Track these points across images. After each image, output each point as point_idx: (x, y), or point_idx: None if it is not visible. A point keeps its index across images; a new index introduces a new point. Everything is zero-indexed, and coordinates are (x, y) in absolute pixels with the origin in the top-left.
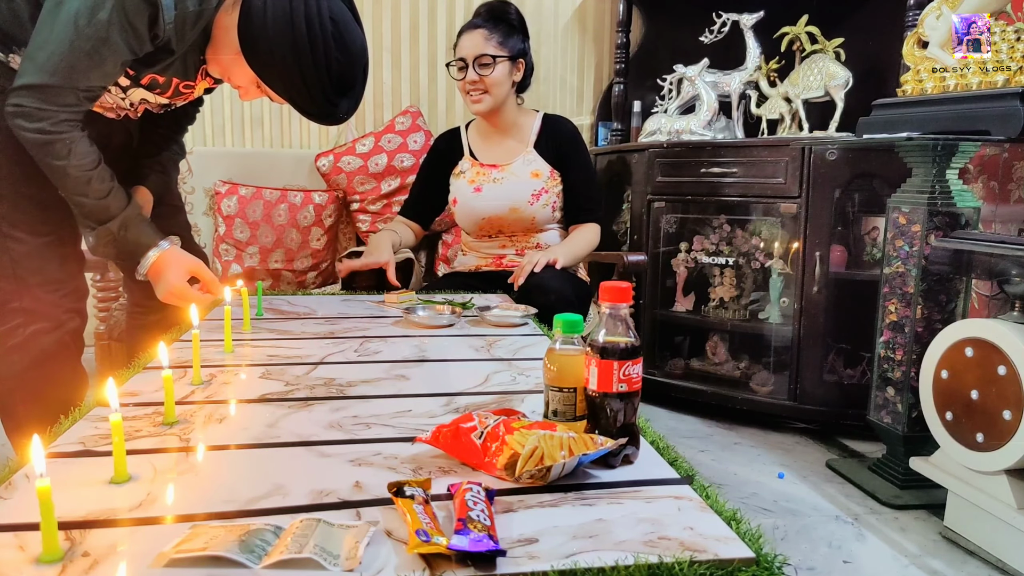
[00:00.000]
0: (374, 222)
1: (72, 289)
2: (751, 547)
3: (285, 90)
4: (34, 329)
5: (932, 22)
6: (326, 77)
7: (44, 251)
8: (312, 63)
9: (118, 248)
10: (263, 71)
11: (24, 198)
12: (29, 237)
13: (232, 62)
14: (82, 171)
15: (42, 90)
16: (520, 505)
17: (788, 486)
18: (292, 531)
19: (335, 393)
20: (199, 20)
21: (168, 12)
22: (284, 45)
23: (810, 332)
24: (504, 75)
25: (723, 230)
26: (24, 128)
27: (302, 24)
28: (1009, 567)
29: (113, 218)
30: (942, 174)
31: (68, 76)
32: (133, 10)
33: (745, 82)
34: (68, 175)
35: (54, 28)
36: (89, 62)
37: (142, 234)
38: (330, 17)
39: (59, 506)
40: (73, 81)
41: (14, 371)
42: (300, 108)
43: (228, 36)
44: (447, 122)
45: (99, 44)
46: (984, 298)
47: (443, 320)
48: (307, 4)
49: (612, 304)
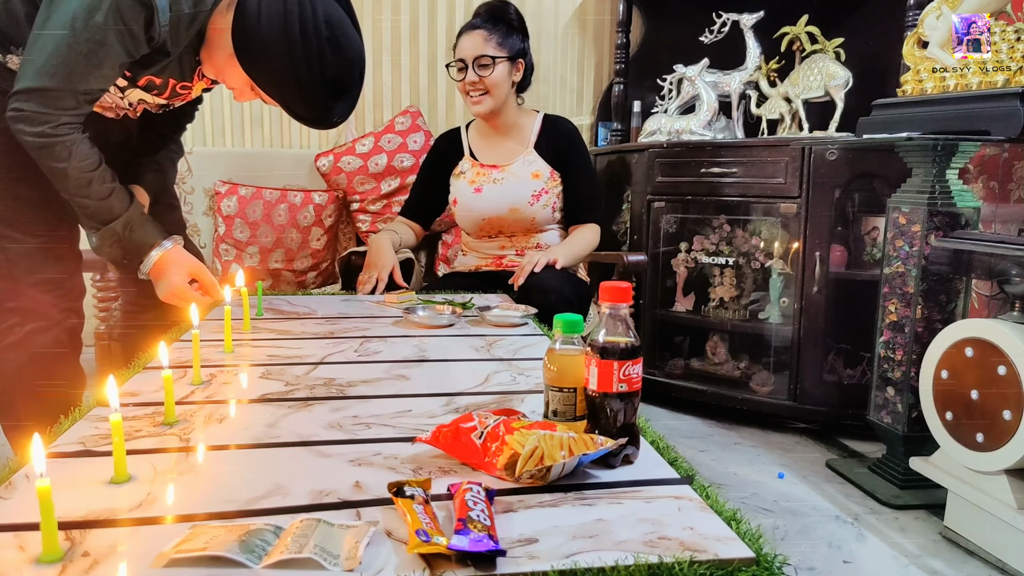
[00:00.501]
0: (374, 222)
1: (69, 288)
2: (751, 547)
3: (279, 93)
4: (30, 328)
5: (932, 22)
6: (320, 81)
7: (40, 250)
8: (307, 67)
9: (123, 248)
10: (257, 74)
11: (20, 198)
12: (25, 237)
13: (226, 64)
14: (83, 172)
15: (41, 94)
16: (520, 505)
17: (788, 486)
18: (292, 531)
19: (335, 393)
20: (193, 22)
21: (163, 15)
22: (278, 48)
23: (810, 332)
24: (504, 75)
25: (723, 230)
26: (25, 132)
27: (295, 27)
28: (1009, 567)
29: (116, 218)
30: (942, 174)
31: (66, 79)
32: (129, 12)
33: (745, 82)
34: (69, 177)
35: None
36: (87, 65)
37: (146, 234)
38: (325, 20)
39: (59, 506)
40: (72, 84)
41: (10, 370)
42: (293, 112)
43: (222, 38)
44: (447, 122)
45: (96, 47)
46: (984, 298)
47: (443, 320)
48: (301, 7)
49: (612, 304)
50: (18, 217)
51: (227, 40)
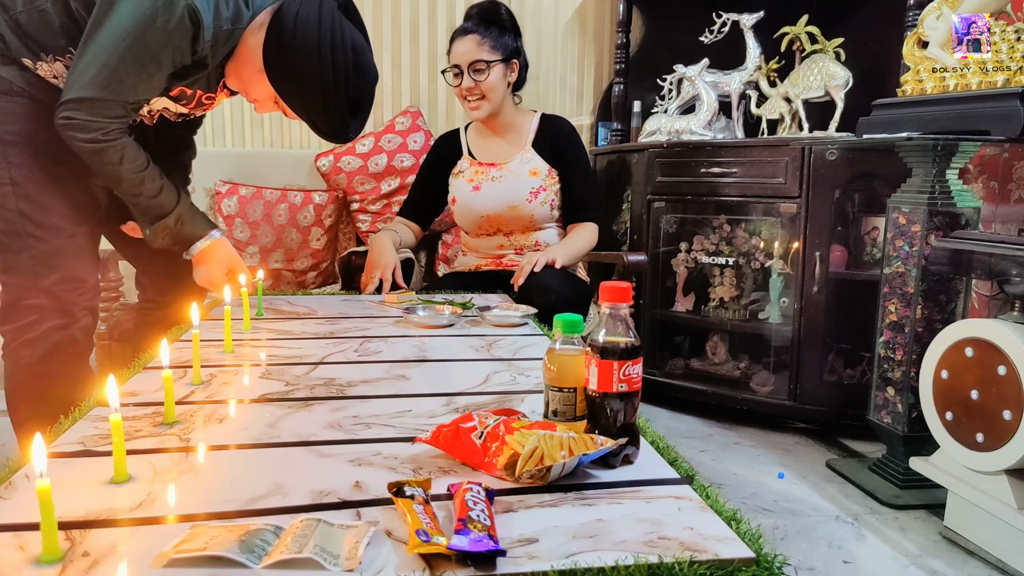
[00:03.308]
0: (374, 222)
1: (88, 287)
2: (751, 547)
3: (304, 109)
4: (49, 326)
5: (932, 22)
6: (344, 100)
7: (64, 250)
8: (334, 88)
9: (174, 239)
10: (285, 91)
11: (49, 199)
12: (51, 237)
13: (253, 79)
14: (134, 173)
15: (92, 103)
16: (520, 505)
17: (788, 486)
18: (292, 531)
19: (335, 393)
20: (230, 39)
21: (208, 31)
22: (310, 69)
23: (810, 332)
24: (499, 78)
25: (723, 230)
26: (77, 139)
27: (328, 51)
28: (1009, 567)
29: (168, 214)
30: (942, 174)
31: (117, 90)
32: (180, 30)
33: (745, 82)
34: (122, 178)
35: (104, 44)
36: (137, 78)
37: (196, 226)
38: (352, 46)
39: (59, 506)
40: (122, 95)
41: (24, 365)
42: (315, 126)
43: (253, 55)
44: (447, 122)
45: (148, 60)
46: (984, 298)
47: (443, 320)
48: (333, 32)
49: (612, 304)
50: (47, 218)
51: (257, 56)
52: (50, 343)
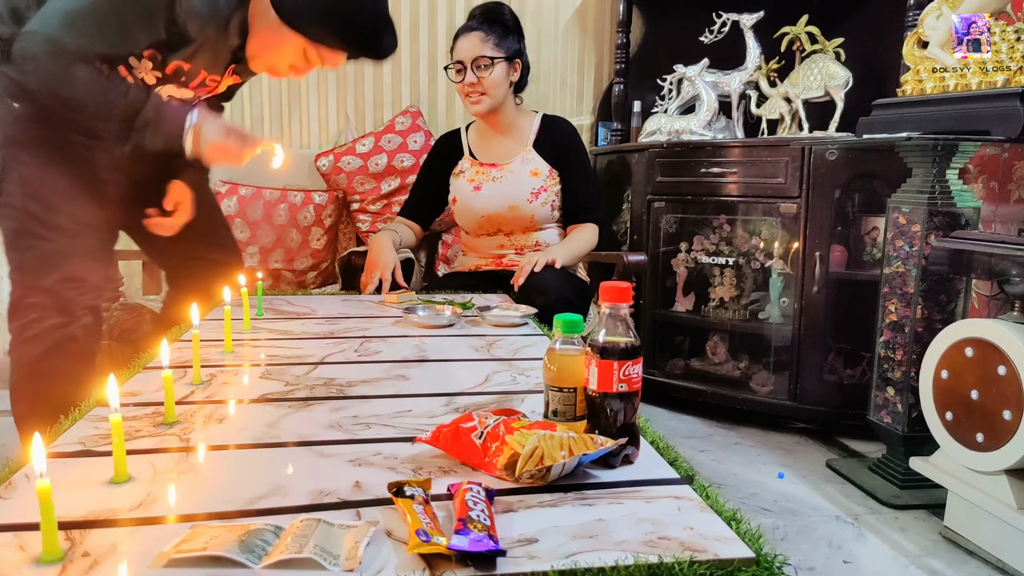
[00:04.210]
0: (374, 222)
1: (90, 287)
2: (751, 547)
3: (331, 33)
4: (48, 324)
5: (932, 22)
6: (371, 7)
7: (68, 250)
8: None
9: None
10: (307, 27)
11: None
12: (56, 236)
13: (276, 38)
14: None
15: (53, 42)
16: (520, 505)
17: (788, 486)
18: (292, 531)
19: (335, 393)
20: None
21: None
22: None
23: (810, 332)
24: (502, 76)
25: (723, 230)
26: (29, 73)
27: None
28: (1009, 567)
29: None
30: (942, 174)
31: (82, 34)
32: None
33: (745, 82)
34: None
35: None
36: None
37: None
38: None
39: (59, 506)
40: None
41: (27, 362)
42: (353, 46)
43: (267, 18)
44: (447, 122)
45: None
46: (984, 298)
47: (443, 320)
48: None
49: (612, 304)
50: (56, 219)
51: (272, 17)
52: (50, 341)
